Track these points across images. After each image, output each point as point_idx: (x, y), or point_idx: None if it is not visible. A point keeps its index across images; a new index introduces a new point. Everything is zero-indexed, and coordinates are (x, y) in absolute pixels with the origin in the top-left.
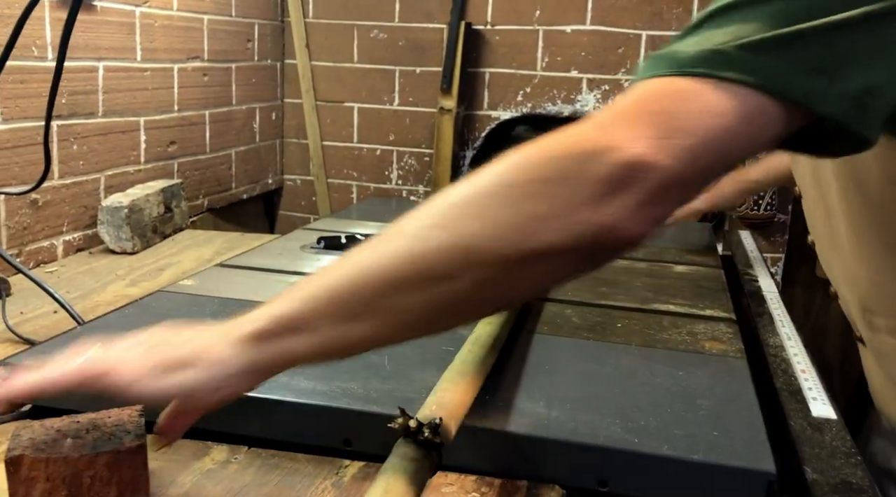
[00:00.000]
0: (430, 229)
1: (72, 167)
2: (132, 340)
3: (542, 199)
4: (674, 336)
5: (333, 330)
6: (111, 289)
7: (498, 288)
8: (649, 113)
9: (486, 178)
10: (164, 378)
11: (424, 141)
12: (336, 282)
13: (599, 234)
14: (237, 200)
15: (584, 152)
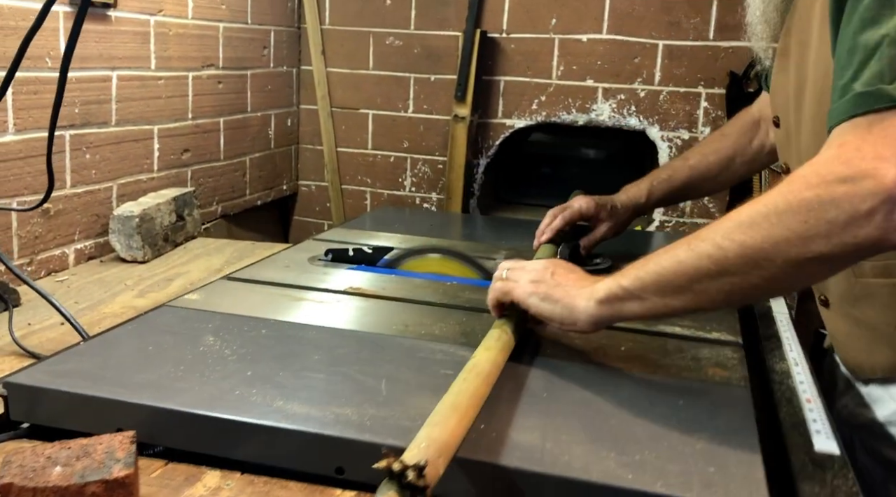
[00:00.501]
0: (724, 240)
1: (84, 176)
2: (532, 270)
3: (814, 221)
4: (677, 361)
5: (657, 301)
6: (119, 299)
7: (778, 282)
8: (885, 137)
9: (765, 204)
10: (541, 304)
11: (438, 148)
12: (661, 268)
13: (866, 245)
14: (251, 207)
15: (845, 180)
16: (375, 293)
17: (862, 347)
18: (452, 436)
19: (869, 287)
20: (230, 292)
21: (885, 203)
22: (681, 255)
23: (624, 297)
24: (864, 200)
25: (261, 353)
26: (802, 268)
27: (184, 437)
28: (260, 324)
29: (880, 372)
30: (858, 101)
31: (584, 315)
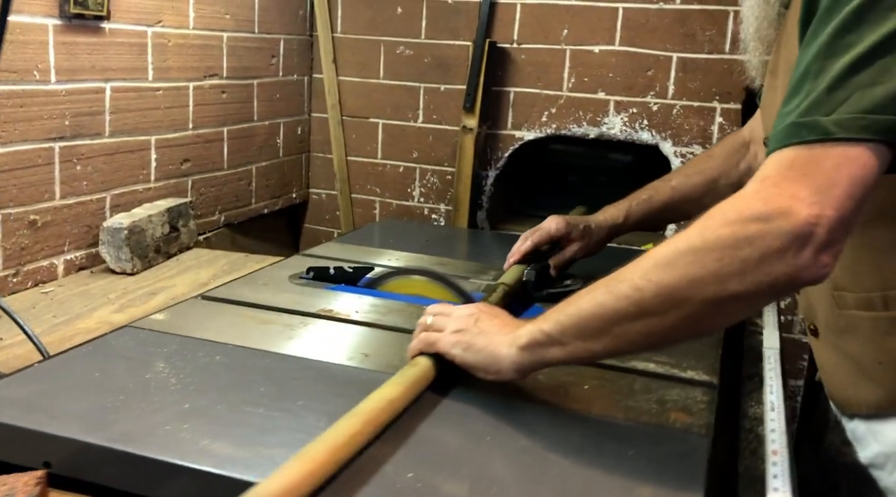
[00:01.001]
0: (642, 280)
1: (74, 187)
2: (457, 318)
3: (728, 260)
4: (641, 403)
5: (578, 345)
6: (98, 314)
7: (698, 322)
8: (805, 176)
9: (682, 242)
10: (464, 354)
11: (447, 159)
12: (580, 311)
13: (781, 283)
14: (258, 215)
15: (759, 218)
16: (345, 317)
17: (848, 381)
18: (285, 492)
19: (852, 319)
20: (199, 313)
21: (794, 241)
22: (600, 297)
23: (545, 343)
24: (775, 239)
25: (207, 383)
26: (721, 307)
27: (106, 474)
28: (217, 349)
29: (865, 408)
30: (791, 131)
31: (507, 362)
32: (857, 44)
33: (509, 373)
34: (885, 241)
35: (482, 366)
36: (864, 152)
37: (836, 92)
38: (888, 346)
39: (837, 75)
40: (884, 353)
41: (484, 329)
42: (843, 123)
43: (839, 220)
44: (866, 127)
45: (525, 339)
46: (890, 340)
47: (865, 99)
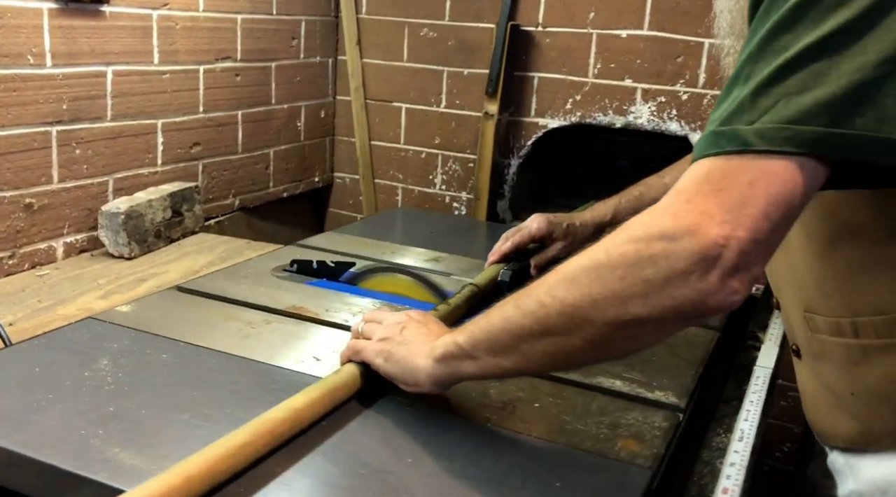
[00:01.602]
0: (547, 296)
1: (74, 171)
2: (387, 326)
3: (631, 279)
4: (590, 427)
5: (489, 360)
6: (81, 300)
7: (603, 345)
8: (719, 191)
9: (589, 257)
10: (385, 365)
11: (469, 146)
12: (492, 326)
13: (686, 309)
14: (276, 199)
15: (665, 236)
16: (313, 315)
17: (827, 411)
18: None
19: (825, 344)
20: (166, 306)
21: (700, 263)
22: (509, 311)
23: (459, 356)
24: (679, 259)
25: (142, 384)
26: (624, 330)
27: (12, 479)
28: (167, 347)
29: (841, 441)
30: (711, 140)
31: (423, 375)
32: (791, 45)
33: (426, 385)
34: (851, 263)
35: (401, 377)
36: (786, 167)
37: (761, 98)
38: (860, 377)
39: (765, 79)
40: (856, 383)
41: (407, 339)
42: (765, 134)
43: (751, 243)
44: (789, 138)
45: (440, 350)
46: (862, 370)
47: (791, 107)
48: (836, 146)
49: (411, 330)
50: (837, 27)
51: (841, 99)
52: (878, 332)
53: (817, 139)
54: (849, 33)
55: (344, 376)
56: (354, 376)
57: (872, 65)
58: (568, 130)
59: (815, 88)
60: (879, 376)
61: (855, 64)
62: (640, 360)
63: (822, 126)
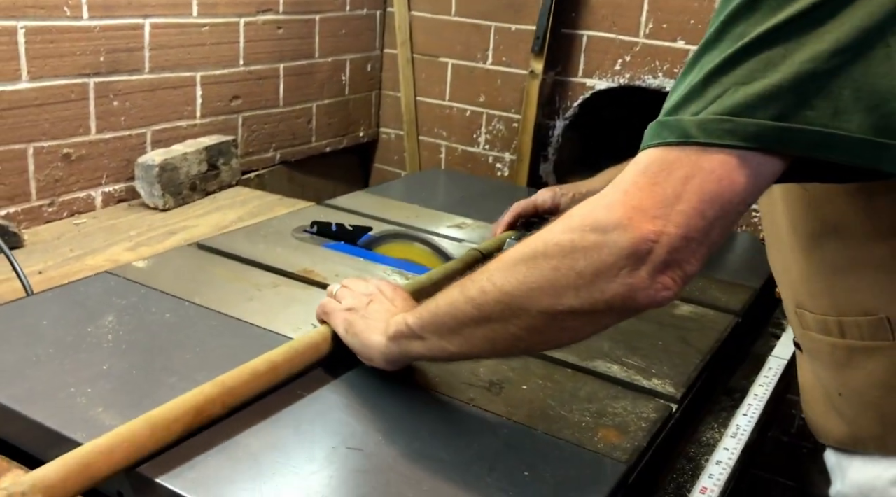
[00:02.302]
0: (488, 283)
1: (111, 123)
2: (356, 295)
3: (564, 270)
4: (574, 414)
5: (436, 342)
6: (110, 251)
7: (541, 334)
8: (654, 185)
9: (527, 247)
10: (346, 336)
11: (514, 105)
12: (438, 309)
13: (617, 304)
14: (319, 154)
15: (598, 228)
16: (321, 280)
17: (820, 409)
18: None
19: (814, 342)
20: (182, 263)
21: (629, 258)
22: (454, 294)
23: (409, 335)
24: (610, 253)
25: (140, 343)
26: (559, 321)
27: (5, 432)
28: (172, 305)
29: (832, 440)
30: (656, 129)
31: (376, 352)
32: (746, 33)
33: (380, 362)
34: (836, 261)
35: (358, 350)
36: (724, 162)
37: (710, 87)
38: (846, 379)
39: (716, 67)
40: (843, 384)
41: (369, 313)
42: (706, 125)
43: (682, 239)
44: (730, 131)
45: (393, 329)
46: (847, 372)
47: (738, 97)
48: (781, 141)
49: (376, 304)
50: (794, 14)
51: (790, 89)
52: (862, 334)
53: (760, 133)
54: (805, 21)
55: (314, 338)
56: (324, 339)
57: (828, 54)
58: (616, 93)
59: (764, 78)
60: (864, 380)
61: (809, 52)
62: (646, 343)
63: (768, 118)
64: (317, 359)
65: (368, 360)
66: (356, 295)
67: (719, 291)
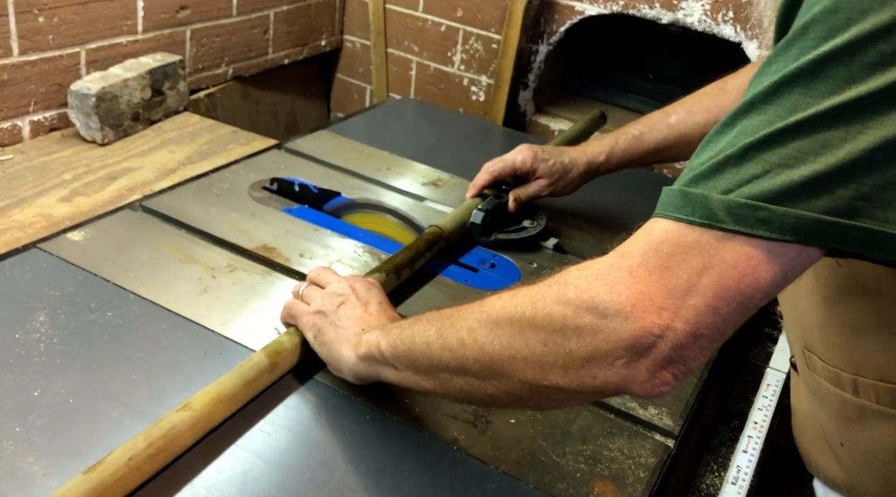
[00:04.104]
0: (468, 336)
1: (37, 42)
2: (326, 295)
3: (553, 347)
4: (567, 461)
5: (409, 375)
6: (41, 202)
7: (521, 399)
8: (665, 269)
9: (515, 306)
10: (314, 342)
11: (495, 24)
12: (413, 343)
13: (608, 390)
14: (276, 66)
15: (596, 309)
16: (284, 262)
17: (815, 443)
18: None
19: (820, 387)
20: (124, 234)
21: (628, 350)
22: (431, 334)
23: (380, 360)
24: (606, 340)
25: (78, 356)
26: (542, 393)
27: None
28: (115, 300)
29: (823, 477)
30: (677, 198)
31: (346, 367)
32: (804, 106)
33: (349, 377)
34: (859, 320)
35: (326, 360)
36: (751, 256)
37: (748, 162)
38: (853, 434)
39: (759, 140)
40: (847, 438)
41: (340, 319)
42: (736, 210)
43: (690, 337)
44: (765, 221)
45: (364, 349)
46: (856, 428)
47: (780, 180)
48: (825, 237)
49: (348, 308)
50: (866, 92)
51: (844, 179)
52: (879, 398)
53: (800, 226)
54: (877, 101)
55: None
56: (294, 347)
57: (894, 143)
58: (607, 20)
59: (815, 162)
60: (873, 441)
61: (873, 138)
62: None
63: (812, 210)
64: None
65: (337, 371)
66: (325, 295)
67: None
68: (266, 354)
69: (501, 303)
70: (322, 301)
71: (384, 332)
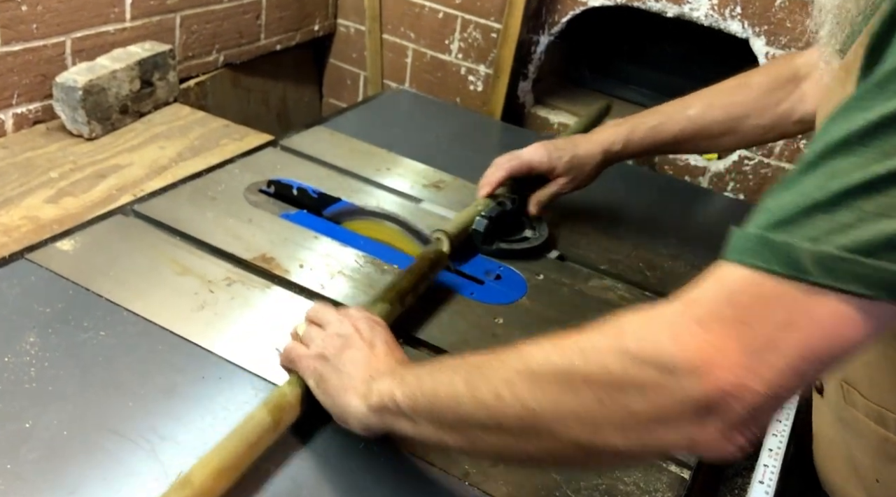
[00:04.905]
0: (506, 389)
1: (21, 31)
2: (327, 337)
3: (611, 405)
4: (582, 496)
5: (430, 430)
6: (28, 203)
7: (565, 460)
8: (742, 323)
9: (562, 358)
10: (317, 390)
11: (495, 13)
12: (435, 395)
13: (674, 450)
14: (268, 53)
15: (662, 364)
16: (283, 274)
17: (841, 468)
18: None
19: (856, 421)
20: (116, 243)
21: (699, 410)
22: (459, 386)
23: (395, 413)
24: (673, 399)
25: (71, 380)
26: (595, 455)
27: None
28: (108, 318)
29: None
30: (756, 244)
31: (354, 419)
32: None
33: (357, 429)
34: None
35: (331, 410)
36: (841, 313)
37: (840, 209)
38: (890, 472)
39: (856, 186)
40: (885, 475)
41: (344, 363)
42: (827, 262)
43: (768, 398)
44: (860, 276)
45: (376, 399)
46: (893, 469)
47: (878, 230)
48: None
49: (352, 351)
50: None
51: None
52: None
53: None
54: None
55: (282, 405)
56: (295, 400)
57: None
58: (610, 11)
59: None
60: None
61: None
62: None
63: None
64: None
65: (343, 422)
66: (326, 337)
67: None
68: (268, 411)
69: (543, 353)
70: (323, 344)
71: (398, 381)
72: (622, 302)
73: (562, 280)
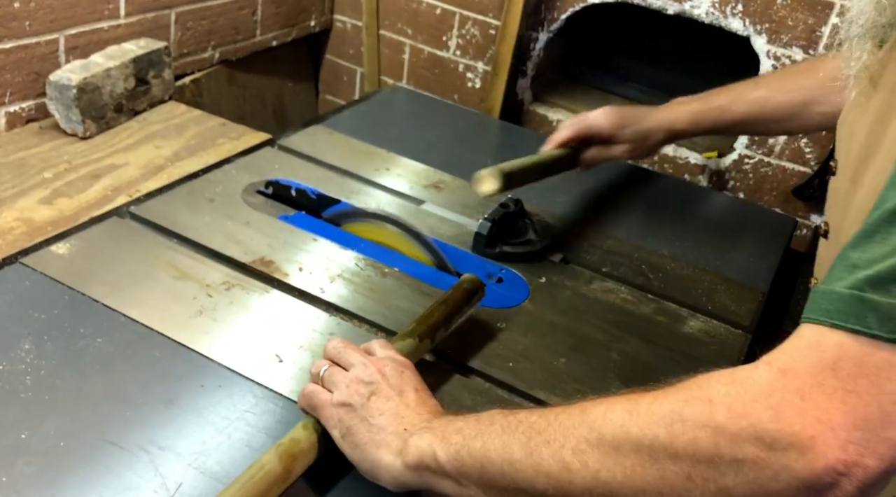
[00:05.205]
0: (574, 457)
1: (13, 29)
2: (351, 381)
3: (701, 483)
4: None
5: (477, 494)
6: (21, 204)
7: None
8: (850, 393)
9: (641, 427)
10: (342, 442)
11: (493, 9)
12: (487, 458)
13: None
14: (264, 49)
15: (762, 439)
16: (283, 278)
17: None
18: None
19: None
20: (111, 246)
21: (806, 490)
22: (515, 451)
23: (437, 472)
24: (777, 478)
25: (68, 390)
26: None
27: None
28: (105, 324)
29: None
30: (851, 305)
31: (388, 475)
32: None
33: (389, 486)
34: None
35: (359, 465)
36: None
37: None
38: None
39: None
40: None
41: (372, 414)
42: None
43: (883, 474)
44: None
45: (414, 457)
46: None
47: None
48: None
49: (380, 400)
50: None
51: None
52: None
53: None
54: None
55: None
56: (311, 445)
57: None
58: (610, 8)
59: None
60: None
61: None
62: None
63: None
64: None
65: (373, 478)
66: (351, 382)
67: (729, 297)
68: (279, 458)
69: (619, 419)
70: (348, 391)
71: (439, 438)
72: (625, 305)
73: (564, 283)
